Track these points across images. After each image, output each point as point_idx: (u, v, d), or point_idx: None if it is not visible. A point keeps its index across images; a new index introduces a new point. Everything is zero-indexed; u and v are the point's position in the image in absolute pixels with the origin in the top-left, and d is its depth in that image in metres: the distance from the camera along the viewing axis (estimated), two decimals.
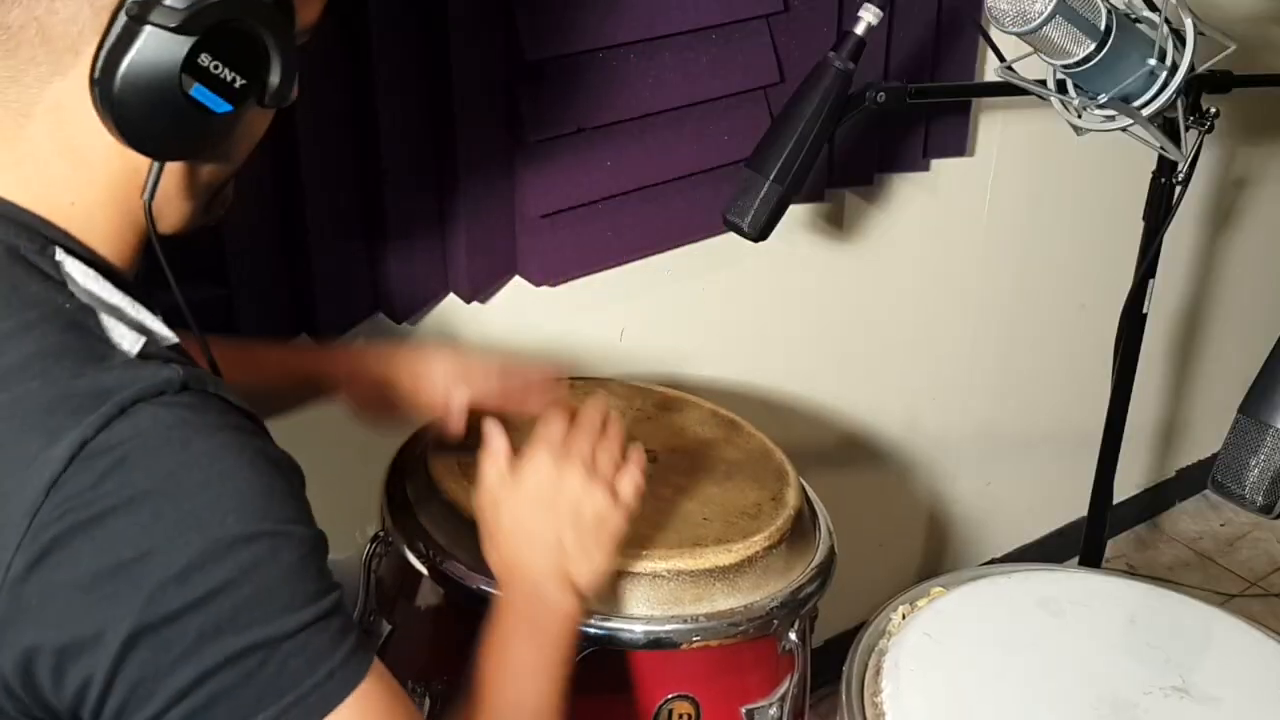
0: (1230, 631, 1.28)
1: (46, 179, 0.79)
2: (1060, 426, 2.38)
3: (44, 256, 0.78)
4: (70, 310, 0.76)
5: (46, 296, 0.76)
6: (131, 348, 0.75)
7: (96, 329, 0.76)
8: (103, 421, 0.71)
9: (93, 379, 0.73)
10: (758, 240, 1.40)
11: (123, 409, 0.72)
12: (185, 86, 0.76)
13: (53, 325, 0.75)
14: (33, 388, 0.73)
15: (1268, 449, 1.17)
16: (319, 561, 0.78)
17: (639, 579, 1.15)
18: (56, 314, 0.76)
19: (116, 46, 0.74)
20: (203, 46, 0.75)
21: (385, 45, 1.35)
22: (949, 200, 2.02)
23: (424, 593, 1.23)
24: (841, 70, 1.36)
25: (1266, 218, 2.57)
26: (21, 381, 0.73)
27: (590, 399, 1.15)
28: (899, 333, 2.09)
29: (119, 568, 0.71)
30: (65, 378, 0.73)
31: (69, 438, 0.71)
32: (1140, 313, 1.58)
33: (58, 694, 0.73)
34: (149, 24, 0.74)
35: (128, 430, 0.72)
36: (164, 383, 0.74)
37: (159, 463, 0.72)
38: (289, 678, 0.74)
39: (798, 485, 1.31)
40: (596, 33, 1.50)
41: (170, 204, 0.83)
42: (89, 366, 0.73)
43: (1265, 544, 2.68)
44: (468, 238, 1.49)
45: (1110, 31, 1.26)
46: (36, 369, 0.73)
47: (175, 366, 0.75)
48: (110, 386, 0.73)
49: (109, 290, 0.79)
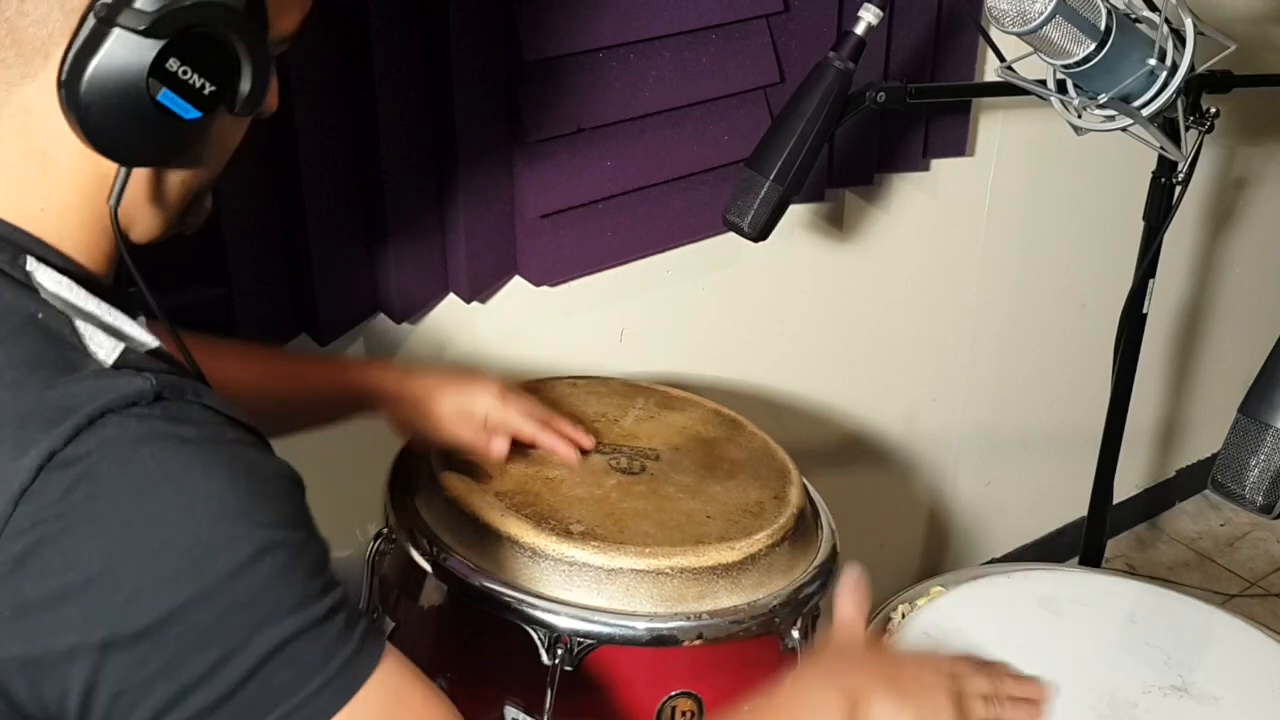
0: (1230, 631, 1.28)
1: (15, 184, 0.78)
2: (1060, 426, 2.39)
3: (15, 265, 0.77)
4: (43, 320, 0.75)
5: (18, 306, 0.75)
6: (108, 357, 0.74)
7: (71, 338, 0.75)
8: (71, 433, 0.70)
9: (64, 390, 0.72)
10: (758, 240, 1.40)
11: (91, 420, 0.71)
12: (153, 91, 0.74)
13: (26, 336, 0.74)
14: (4, 399, 0.72)
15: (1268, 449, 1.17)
16: (310, 564, 0.76)
17: (642, 576, 1.15)
18: (29, 324, 0.75)
19: (84, 49, 0.74)
20: (171, 51, 0.74)
21: (385, 45, 1.35)
22: (949, 200, 2.03)
23: (428, 590, 1.23)
24: (841, 70, 1.36)
25: (1266, 218, 2.57)
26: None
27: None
28: (899, 333, 2.09)
29: (88, 582, 0.70)
30: (37, 389, 0.72)
31: (37, 449, 0.70)
32: (1140, 313, 1.58)
33: (38, 706, 0.73)
34: (117, 26, 0.73)
35: (94, 442, 0.71)
36: (135, 394, 0.72)
37: (126, 474, 0.71)
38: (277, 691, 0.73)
39: (800, 484, 1.32)
40: (597, 33, 1.50)
41: (140, 211, 0.82)
42: (61, 377, 0.72)
43: (1265, 544, 2.69)
44: (468, 238, 1.49)
45: (1110, 31, 1.26)
46: (8, 380, 0.72)
47: (149, 376, 0.74)
48: (81, 398, 0.71)
49: (84, 298, 0.77)
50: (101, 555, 0.70)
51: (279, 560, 0.74)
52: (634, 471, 1.30)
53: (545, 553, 1.15)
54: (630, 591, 1.15)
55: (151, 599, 0.71)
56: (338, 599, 0.77)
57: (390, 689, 0.78)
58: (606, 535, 1.18)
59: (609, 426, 1.38)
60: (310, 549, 0.77)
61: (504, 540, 1.17)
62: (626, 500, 1.24)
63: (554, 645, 1.13)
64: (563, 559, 1.15)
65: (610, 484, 1.27)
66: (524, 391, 1.32)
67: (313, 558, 0.76)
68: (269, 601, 0.73)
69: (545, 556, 1.15)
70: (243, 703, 0.72)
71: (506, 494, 1.22)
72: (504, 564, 1.17)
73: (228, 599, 0.72)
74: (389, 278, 1.47)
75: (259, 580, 0.73)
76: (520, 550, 1.16)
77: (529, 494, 1.23)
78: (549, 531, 1.17)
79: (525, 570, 1.16)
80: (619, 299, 1.72)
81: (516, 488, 1.24)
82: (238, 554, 0.72)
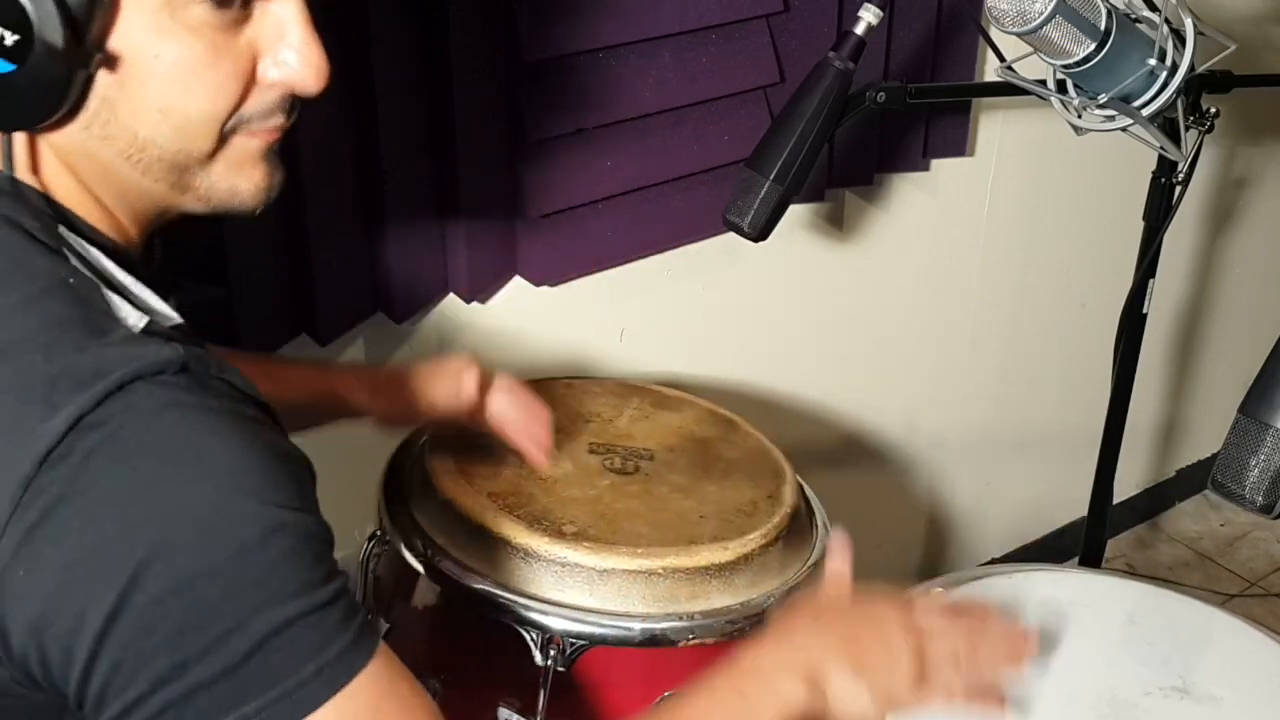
0: (1230, 631, 1.28)
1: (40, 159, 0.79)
2: (1060, 426, 2.38)
3: (49, 232, 0.78)
4: (75, 285, 0.76)
5: (51, 270, 0.76)
6: (136, 324, 0.75)
7: (101, 304, 0.76)
8: (99, 397, 0.71)
9: (95, 354, 0.73)
10: (758, 240, 1.40)
11: (121, 385, 0.72)
12: None
13: (58, 299, 0.75)
14: (36, 360, 0.72)
15: (1268, 449, 1.17)
16: (317, 550, 0.76)
17: (635, 577, 1.15)
18: (61, 288, 0.75)
19: None
20: None
21: (385, 46, 1.35)
22: (949, 200, 2.02)
23: (421, 591, 1.23)
24: (841, 70, 1.35)
25: (1266, 218, 2.57)
26: (26, 354, 0.73)
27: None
28: (899, 333, 2.09)
29: (103, 544, 0.71)
30: (69, 352, 0.73)
31: (65, 412, 0.71)
32: (1140, 312, 1.58)
33: (43, 671, 0.73)
34: None
35: (121, 406, 0.72)
36: (164, 362, 0.73)
37: (149, 441, 0.72)
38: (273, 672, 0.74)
39: (794, 483, 1.32)
40: (596, 33, 1.50)
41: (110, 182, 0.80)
42: (92, 341, 0.73)
43: (1265, 544, 2.68)
44: (468, 238, 1.49)
45: (1110, 31, 1.26)
46: (40, 342, 0.73)
47: (177, 346, 0.75)
48: (111, 362, 0.72)
49: (113, 267, 0.79)
50: (116, 520, 0.71)
51: (288, 541, 0.74)
52: (628, 472, 1.30)
53: (538, 554, 1.16)
54: (623, 592, 1.15)
55: (162, 568, 0.71)
56: (339, 587, 0.77)
57: (381, 683, 0.78)
58: (599, 536, 1.18)
59: (604, 426, 1.38)
60: (318, 535, 0.77)
61: (497, 541, 1.17)
62: (620, 500, 1.24)
63: (547, 646, 1.13)
64: (555, 560, 1.15)
65: (604, 484, 1.27)
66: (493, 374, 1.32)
67: (319, 544, 0.77)
68: (275, 581, 0.74)
69: (538, 557, 1.16)
70: (239, 680, 0.73)
71: (499, 495, 1.22)
72: (497, 565, 1.17)
73: (235, 575, 0.72)
74: (389, 277, 1.47)
75: (268, 559, 0.73)
76: (513, 551, 1.16)
77: (522, 495, 1.23)
78: (542, 532, 1.17)
79: (518, 571, 1.16)
80: (619, 299, 1.72)
81: (510, 489, 1.24)
82: (249, 531, 0.73)
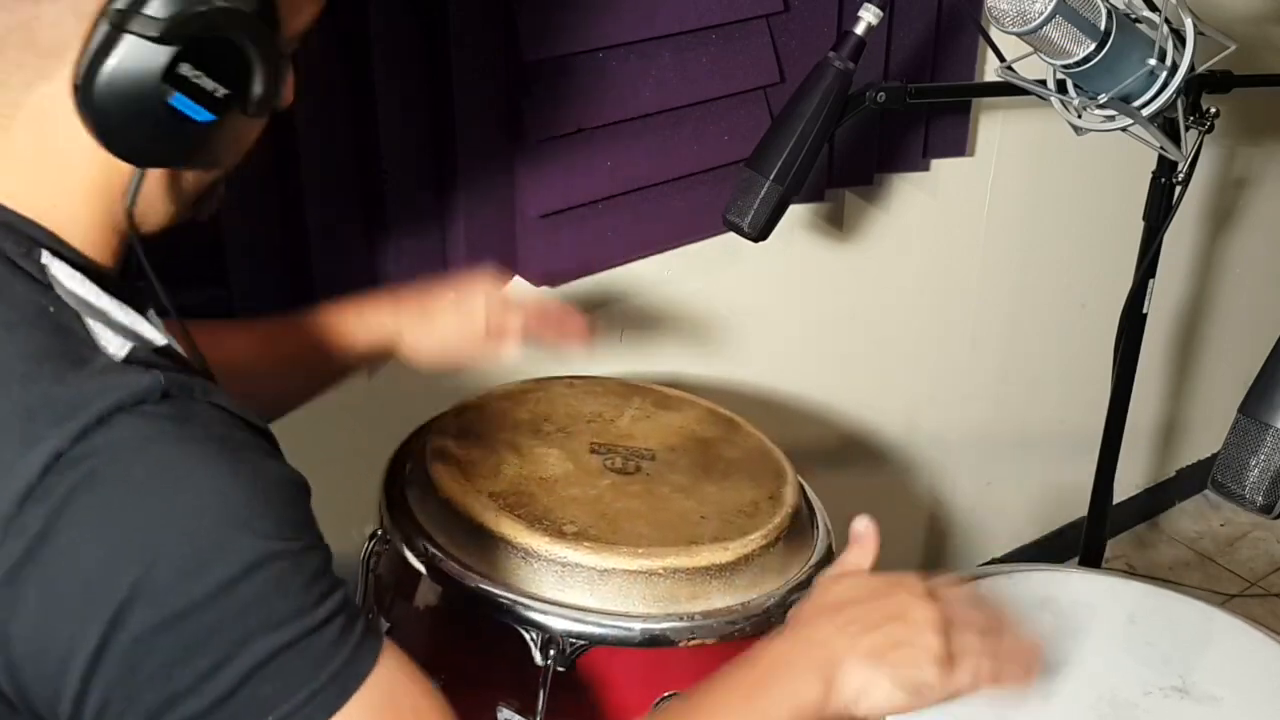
0: (1230, 631, 1.28)
1: (30, 181, 0.78)
2: (1060, 427, 2.38)
3: (29, 259, 0.77)
4: (55, 313, 0.75)
5: (31, 299, 0.75)
6: (118, 352, 0.74)
7: (81, 332, 0.75)
8: (79, 431, 0.70)
9: (74, 386, 0.71)
10: (758, 240, 1.40)
11: (100, 419, 0.70)
12: (165, 95, 0.75)
13: (37, 328, 0.74)
14: (13, 391, 0.71)
15: (1268, 449, 1.17)
16: (310, 572, 0.75)
17: (635, 577, 1.15)
18: (41, 317, 0.74)
19: (98, 54, 0.74)
20: (184, 56, 0.75)
21: (385, 46, 1.35)
22: (949, 200, 2.02)
23: (422, 591, 1.23)
24: (841, 70, 1.35)
25: (1266, 218, 2.57)
26: (4, 384, 0.72)
27: None
28: (899, 333, 2.09)
29: (86, 585, 0.70)
30: (47, 383, 0.72)
31: (44, 447, 0.70)
32: (1140, 312, 1.58)
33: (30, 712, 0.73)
34: (129, 33, 0.74)
35: (102, 442, 0.70)
36: (145, 391, 0.72)
37: (132, 477, 0.71)
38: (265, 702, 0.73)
39: (795, 484, 1.32)
40: (596, 33, 1.50)
41: (153, 207, 0.83)
42: (71, 371, 0.72)
43: (1265, 544, 2.68)
44: (468, 238, 1.49)
45: (1110, 32, 1.26)
46: (18, 372, 0.72)
47: (158, 373, 0.73)
48: (90, 394, 0.71)
49: (95, 293, 0.77)
50: (99, 559, 0.70)
51: (276, 571, 0.73)
52: (629, 472, 1.30)
53: (538, 554, 1.16)
54: (623, 592, 1.15)
55: (147, 605, 0.70)
56: (335, 605, 0.76)
57: (383, 691, 0.78)
58: (600, 536, 1.18)
59: (605, 426, 1.37)
60: (310, 556, 0.76)
61: (497, 541, 1.17)
62: (620, 500, 1.24)
63: (547, 646, 1.13)
64: (556, 560, 1.15)
65: (605, 484, 1.27)
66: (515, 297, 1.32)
67: (312, 565, 0.76)
68: (262, 613, 0.73)
69: (538, 557, 1.16)
70: (230, 712, 0.72)
71: (500, 495, 1.22)
72: (498, 565, 1.17)
73: (221, 609, 0.71)
74: (389, 277, 1.47)
75: (254, 591, 0.72)
76: (513, 551, 1.16)
77: (523, 495, 1.23)
78: (542, 532, 1.17)
79: (519, 571, 1.16)
80: (619, 299, 1.72)
81: (510, 488, 1.23)
82: (234, 564, 0.72)
